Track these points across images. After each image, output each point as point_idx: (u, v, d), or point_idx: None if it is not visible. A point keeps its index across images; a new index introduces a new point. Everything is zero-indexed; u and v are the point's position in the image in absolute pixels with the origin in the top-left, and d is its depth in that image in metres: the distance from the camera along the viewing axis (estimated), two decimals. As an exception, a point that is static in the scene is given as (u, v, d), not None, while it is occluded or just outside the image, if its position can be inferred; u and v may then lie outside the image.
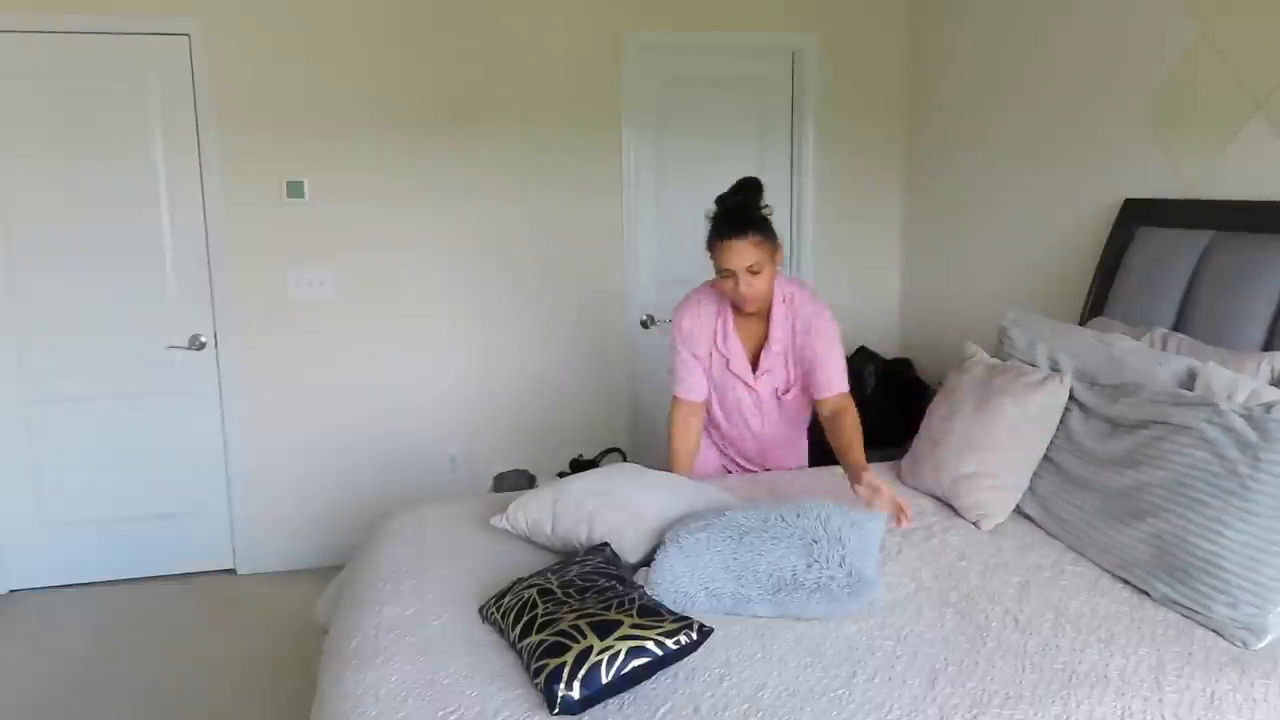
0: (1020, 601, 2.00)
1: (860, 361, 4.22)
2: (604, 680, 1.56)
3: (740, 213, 2.57)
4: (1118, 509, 2.12)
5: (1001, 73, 3.74)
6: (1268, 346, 2.41)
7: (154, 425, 3.94)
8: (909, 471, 2.82)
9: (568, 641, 1.61)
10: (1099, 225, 3.22)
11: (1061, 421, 2.46)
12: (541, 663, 1.60)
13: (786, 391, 2.78)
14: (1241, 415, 1.95)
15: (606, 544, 2.10)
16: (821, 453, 4.27)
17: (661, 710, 1.60)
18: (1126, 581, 2.05)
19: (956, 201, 4.11)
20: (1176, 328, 2.67)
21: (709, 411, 2.88)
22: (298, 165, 3.90)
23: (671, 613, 1.71)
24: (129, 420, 3.91)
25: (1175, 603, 1.92)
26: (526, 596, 1.81)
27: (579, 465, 4.22)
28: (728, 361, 2.75)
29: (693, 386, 2.77)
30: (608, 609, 1.70)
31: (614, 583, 1.84)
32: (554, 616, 1.70)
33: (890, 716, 1.57)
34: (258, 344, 3.98)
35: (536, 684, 1.60)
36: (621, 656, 1.58)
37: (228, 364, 3.95)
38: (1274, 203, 2.56)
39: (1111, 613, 1.94)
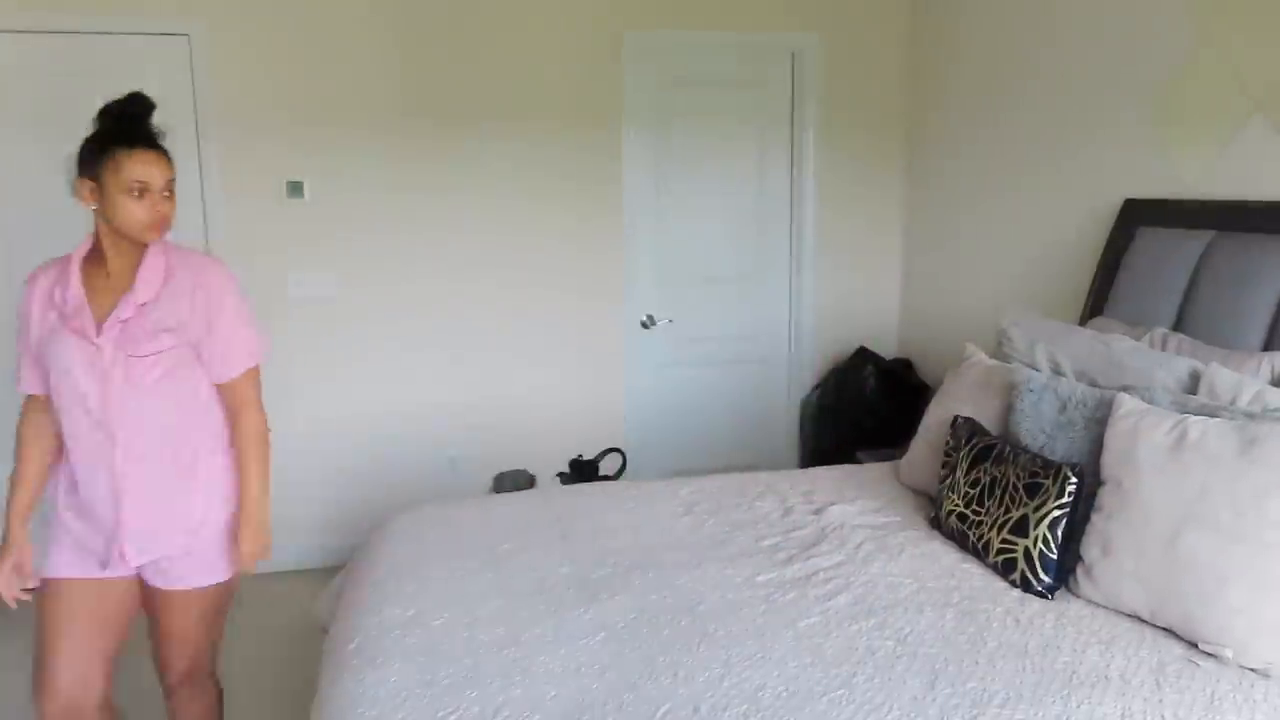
0: (1022, 602, 2.00)
1: (860, 361, 4.22)
2: (1055, 556, 2.05)
3: (147, 125, 2.14)
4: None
5: (1001, 73, 3.74)
6: (1268, 346, 2.40)
7: (154, 425, 3.92)
8: (907, 473, 2.81)
9: (1011, 551, 2.12)
10: (1099, 225, 3.21)
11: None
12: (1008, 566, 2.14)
13: (151, 356, 1.99)
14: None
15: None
16: (815, 448, 4.30)
17: (662, 710, 1.60)
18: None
19: (956, 202, 4.10)
20: (1176, 328, 2.66)
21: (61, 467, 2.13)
22: (298, 165, 3.89)
23: (1046, 474, 2.13)
24: (129, 420, 3.89)
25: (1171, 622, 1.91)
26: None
27: (579, 465, 4.22)
28: (64, 317, 2.02)
29: (31, 378, 2.10)
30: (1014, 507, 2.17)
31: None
32: (980, 520, 2.24)
33: (890, 716, 1.57)
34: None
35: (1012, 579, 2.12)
36: (1052, 538, 2.07)
37: (227, 364, 3.94)
38: (1274, 203, 2.55)
39: (1112, 613, 1.94)
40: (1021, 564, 2.07)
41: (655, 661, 1.77)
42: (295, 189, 3.89)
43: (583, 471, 4.15)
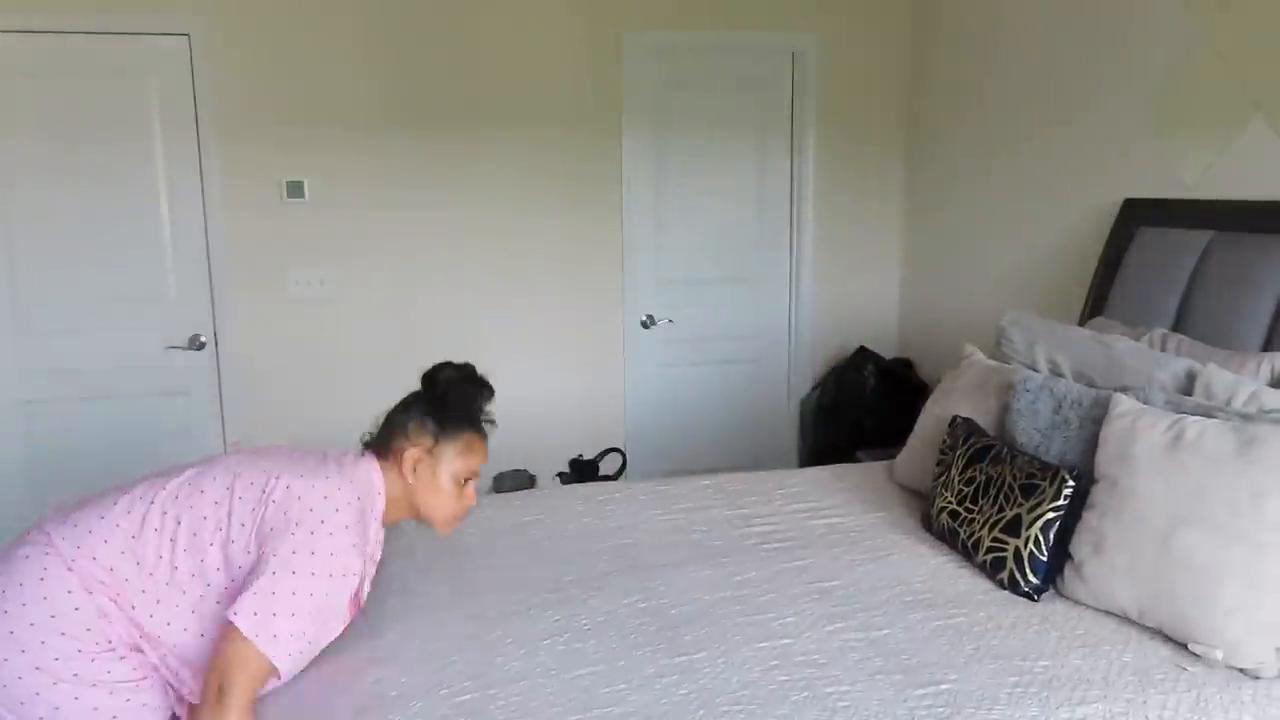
0: (1006, 604, 1.98)
1: (860, 361, 4.21)
2: (1045, 558, 2.02)
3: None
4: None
5: (1001, 73, 3.72)
6: (1268, 346, 2.38)
7: (154, 425, 3.94)
8: (902, 471, 2.79)
9: (1001, 550, 2.08)
10: (1099, 225, 3.19)
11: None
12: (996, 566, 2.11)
13: None
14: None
15: None
16: (815, 448, 4.29)
17: (613, 715, 1.57)
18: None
19: (956, 201, 4.08)
20: (1176, 328, 2.64)
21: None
22: (298, 166, 3.90)
23: (1043, 476, 2.09)
24: (128, 420, 3.91)
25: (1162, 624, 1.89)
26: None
27: (579, 465, 4.21)
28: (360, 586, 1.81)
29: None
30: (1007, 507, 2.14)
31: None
32: (973, 518, 2.20)
33: (857, 718, 1.55)
34: (258, 344, 3.98)
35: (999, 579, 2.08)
36: (1044, 540, 2.03)
37: (228, 364, 3.96)
38: (1274, 203, 2.53)
39: (1099, 614, 1.92)
40: (1010, 564, 2.05)
41: (615, 665, 1.74)
42: (295, 189, 3.90)
43: (583, 471, 4.14)
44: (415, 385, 4.16)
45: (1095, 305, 3.02)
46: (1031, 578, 2.02)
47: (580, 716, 1.57)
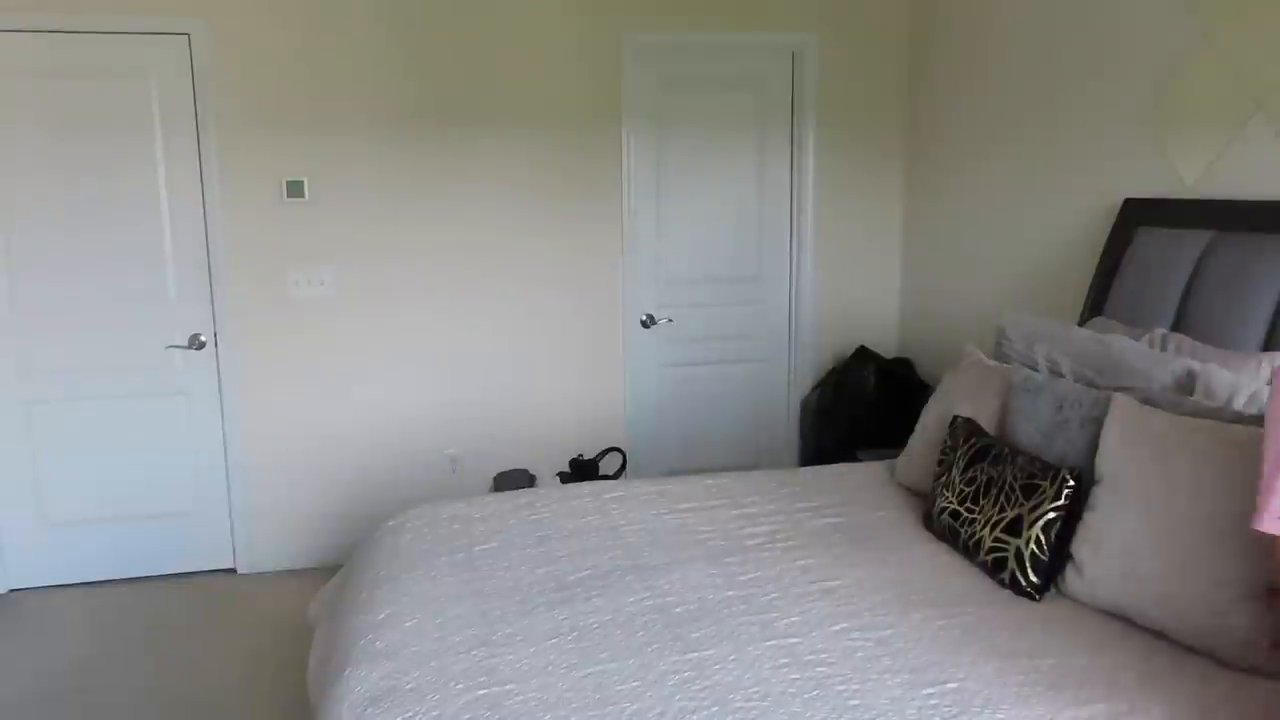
0: (1009, 603, 1.98)
1: (860, 361, 4.21)
2: (1046, 558, 2.02)
3: None
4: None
5: (1001, 73, 3.72)
6: (1267, 346, 2.38)
7: (154, 425, 3.94)
8: (903, 471, 2.80)
9: (1002, 550, 2.09)
10: (1099, 225, 3.19)
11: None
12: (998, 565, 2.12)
13: None
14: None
15: None
16: (815, 448, 4.30)
17: (629, 711, 1.58)
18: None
19: (956, 201, 4.09)
20: (1176, 328, 2.65)
21: None
22: (298, 165, 3.90)
23: (1044, 476, 2.10)
24: (129, 420, 3.91)
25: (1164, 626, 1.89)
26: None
27: (579, 465, 4.22)
28: None
29: None
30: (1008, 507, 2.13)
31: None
32: (974, 518, 2.20)
33: (866, 718, 1.55)
34: (258, 344, 3.98)
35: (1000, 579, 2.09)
36: (1045, 539, 2.04)
37: (228, 364, 3.96)
38: (1274, 203, 2.53)
39: (1101, 614, 1.93)
40: (1011, 563, 2.06)
41: (625, 662, 1.75)
42: (295, 189, 3.90)
43: (583, 471, 4.15)
44: (414, 383, 4.22)
45: (1095, 305, 3.02)
46: (1033, 577, 2.02)
47: (597, 712, 1.57)
